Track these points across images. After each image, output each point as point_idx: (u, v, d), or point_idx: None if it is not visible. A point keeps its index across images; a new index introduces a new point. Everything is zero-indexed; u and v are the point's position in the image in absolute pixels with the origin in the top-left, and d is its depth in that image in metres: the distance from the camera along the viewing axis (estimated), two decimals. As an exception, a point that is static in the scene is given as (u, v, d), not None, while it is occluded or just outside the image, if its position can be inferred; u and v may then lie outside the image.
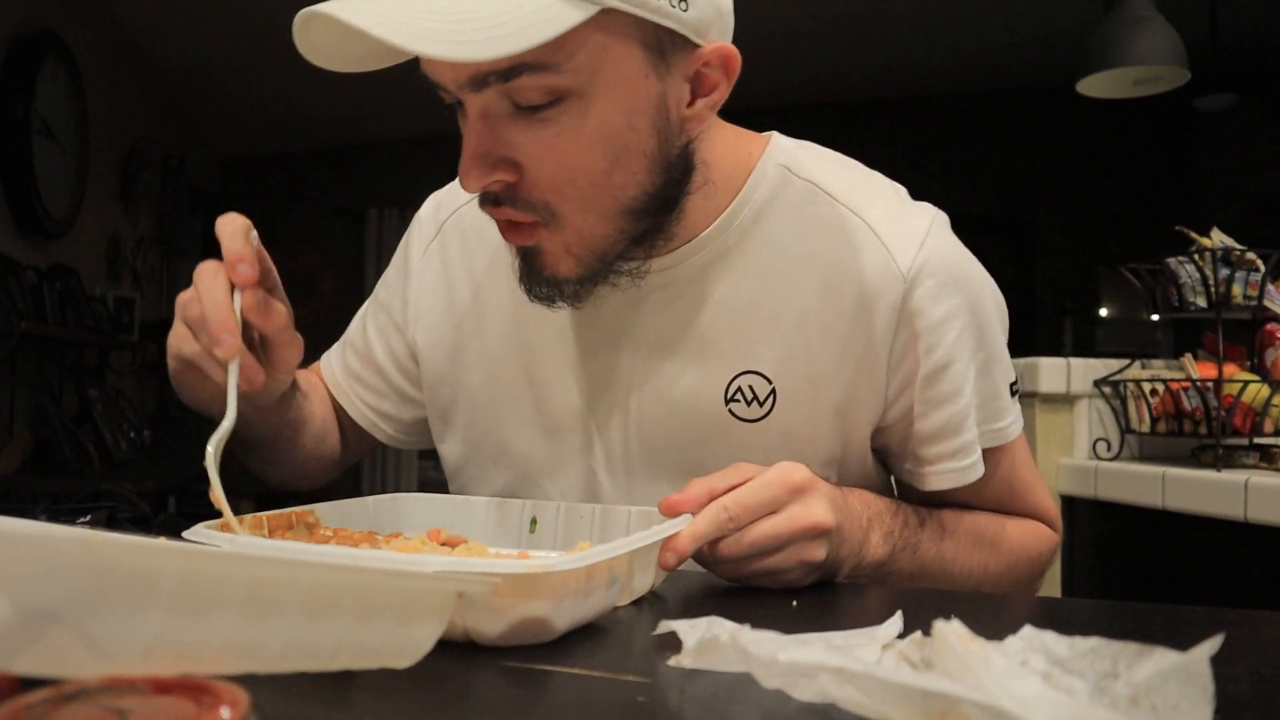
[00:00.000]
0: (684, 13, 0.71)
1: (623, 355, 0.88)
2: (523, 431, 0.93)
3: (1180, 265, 2.14)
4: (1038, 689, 0.41)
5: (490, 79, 0.70)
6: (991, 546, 0.91)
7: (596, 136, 0.73)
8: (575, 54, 0.69)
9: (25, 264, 3.28)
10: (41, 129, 3.36)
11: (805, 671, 0.42)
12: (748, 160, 0.87)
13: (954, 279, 0.84)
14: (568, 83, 0.70)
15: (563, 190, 0.75)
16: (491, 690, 0.50)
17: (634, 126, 0.74)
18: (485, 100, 0.72)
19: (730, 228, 0.85)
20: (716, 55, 0.75)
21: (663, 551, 0.69)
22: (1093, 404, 2.32)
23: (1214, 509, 1.85)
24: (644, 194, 0.77)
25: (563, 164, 0.73)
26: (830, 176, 0.88)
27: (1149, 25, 2.57)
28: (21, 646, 0.29)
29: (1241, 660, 0.55)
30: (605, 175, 0.75)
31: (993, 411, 0.89)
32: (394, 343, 1.02)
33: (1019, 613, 0.76)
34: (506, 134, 0.73)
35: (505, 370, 0.93)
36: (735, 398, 0.86)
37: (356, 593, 0.38)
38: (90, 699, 0.32)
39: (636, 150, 0.75)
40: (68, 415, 3.40)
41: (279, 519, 0.72)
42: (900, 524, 0.84)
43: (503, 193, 0.75)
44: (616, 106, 0.73)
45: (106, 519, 0.89)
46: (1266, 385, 2.06)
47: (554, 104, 0.71)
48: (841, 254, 0.84)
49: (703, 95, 0.77)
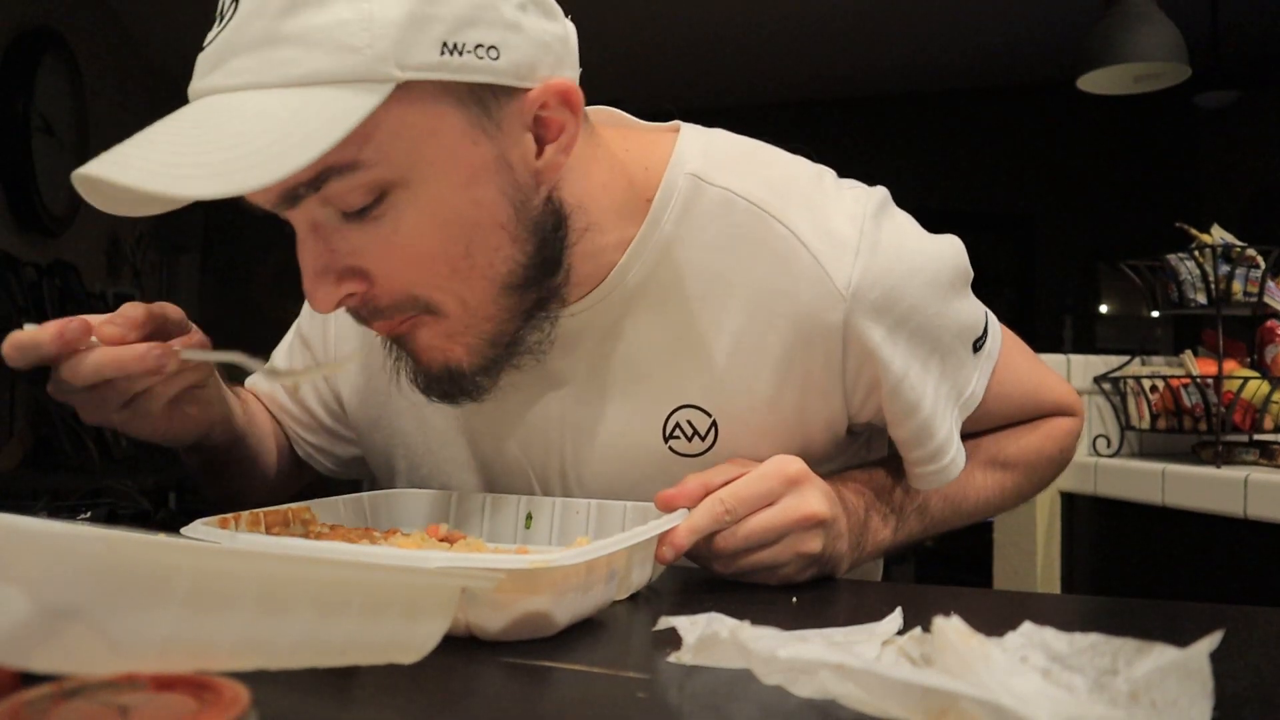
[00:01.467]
0: (495, 61, 0.63)
1: (553, 402, 0.82)
2: (463, 476, 0.88)
3: (1180, 262, 2.14)
4: (1037, 685, 0.41)
5: (300, 191, 0.63)
6: (1005, 465, 0.92)
7: (438, 222, 0.66)
8: (382, 142, 0.62)
9: (25, 261, 3.28)
10: (41, 125, 3.36)
11: (805, 668, 0.42)
12: (652, 175, 0.79)
13: (894, 287, 0.77)
14: (383, 175, 0.63)
15: (425, 282, 0.68)
16: (492, 686, 0.50)
17: (478, 200, 0.67)
18: (308, 213, 0.66)
19: (644, 253, 0.78)
20: (553, 94, 0.67)
21: (660, 546, 0.69)
22: (1093, 400, 2.32)
23: (1214, 505, 1.85)
24: (518, 266, 0.70)
25: (411, 260, 0.67)
26: (746, 179, 0.79)
27: (1150, 21, 2.57)
28: (39, 643, 0.29)
29: (1241, 656, 0.55)
30: (465, 259, 0.68)
31: (960, 385, 0.86)
32: (318, 383, 0.96)
33: (1018, 609, 0.76)
34: (342, 243, 0.66)
35: (435, 415, 0.87)
36: (675, 434, 0.81)
37: (366, 589, 0.39)
38: (91, 695, 0.32)
39: (490, 224, 0.68)
40: (68, 412, 3.40)
41: (275, 515, 0.72)
42: (902, 491, 0.85)
43: (361, 306, 0.69)
44: (450, 185, 0.65)
45: (107, 515, 0.89)
46: (1266, 382, 2.06)
47: (379, 200, 0.64)
48: (770, 270, 0.78)
49: (550, 140, 0.69)
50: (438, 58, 0.61)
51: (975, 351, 0.86)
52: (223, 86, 0.61)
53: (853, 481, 0.83)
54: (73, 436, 3.23)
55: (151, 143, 0.59)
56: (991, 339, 0.89)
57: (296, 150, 0.57)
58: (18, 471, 3.04)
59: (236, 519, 0.69)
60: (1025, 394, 0.95)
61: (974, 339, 0.86)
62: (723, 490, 0.72)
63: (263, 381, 0.99)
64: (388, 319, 0.70)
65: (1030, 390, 0.96)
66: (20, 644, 0.29)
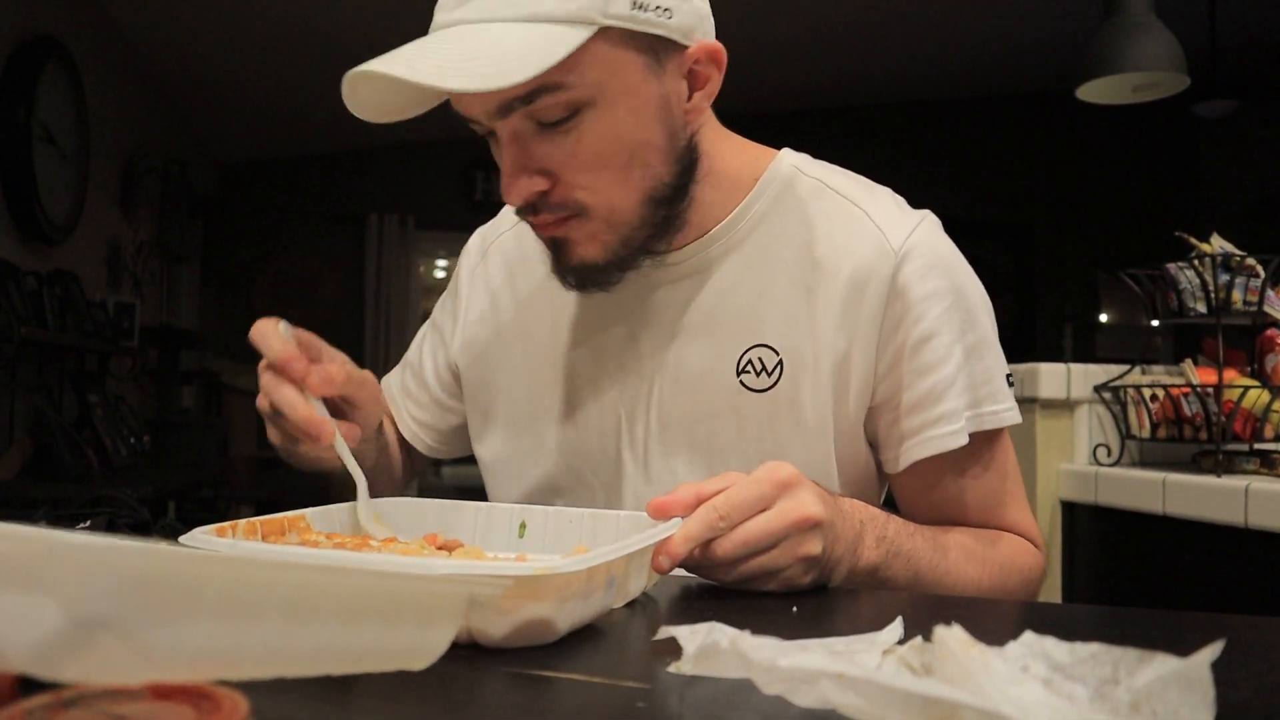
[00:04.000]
0: (669, 20, 0.82)
1: (644, 342, 0.96)
2: (555, 426, 1.00)
3: (1180, 271, 2.14)
4: (1038, 695, 0.41)
5: (515, 104, 0.80)
6: (982, 561, 0.92)
7: (612, 137, 0.83)
8: (584, 70, 0.79)
9: (25, 269, 3.28)
10: (42, 134, 3.36)
11: (806, 677, 0.42)
12: (759, 165, 0.96)
13: (941, 262, 0.92)
14: (581, 95, 0.80)
15: (590, 187, 0.84)
16: (493, 695, 0.50)
17: (643, 125, 0.84)
18: (513, 124, 0.82)
19: (742, 220, 0.94)
20: (704, 52, 0.86)
21: (656, 555, 0.70)
22: (1093, 410, 2.32)
23: (1214, 515, 1.85)
24: (660, 184, 0.87)
25: (587, 166, 0.83)
26: (835, 177, 0.97)
27: (1149, 31, 2.57)
28: (71, 654, 0.30)
29: (1242, 666, 0.55)
30: (625, 170, 0.85)
31: (988, 394, 0.92)
32: (439, 358, 1.13)
33: (1020, 618, 0.76)
34: (536, 149, 0.83)
35: (544, 371, 1.01)
36: (746, 369, 0.93)
37: (384, 597, 0.39)
38: (89, 704, 0.32)
39: (649, 145, 0.85)
40: (68, 421, 3.40)
41: (272, 524, 0.73)
42: (894, 530, 0.85)
43: (539, 201, 0.85)
44: (626, 109, 0.83)
45: (106, 524, 0.89)
46: (1267, 391, 2.05)
47: (573, 116, 0.81)
48: (841, 237, 0.92)
49: (698, 89, 0.87)
50: (629, 11, 0.80)
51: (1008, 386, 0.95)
52: (470, 18, 0.79)
53: (848, 500, 0.84)
54: (72, 446, 3.23)
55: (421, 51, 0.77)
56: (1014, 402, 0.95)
57: (530, 62, 0.75)
58: (17, 480, 3.04)
59: (234, 528, 0.69)
60: (1010, 494, 0.97)
61: (1006, 372, 0.95)
62: (716, 498, 0.73)
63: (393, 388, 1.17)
64: (552, 213, 0.86)
65: (1013, 493, 0.97)
66: (53, 655, 0.29)
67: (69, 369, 3.61)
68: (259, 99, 5.09)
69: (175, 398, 4.79)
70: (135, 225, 4.46)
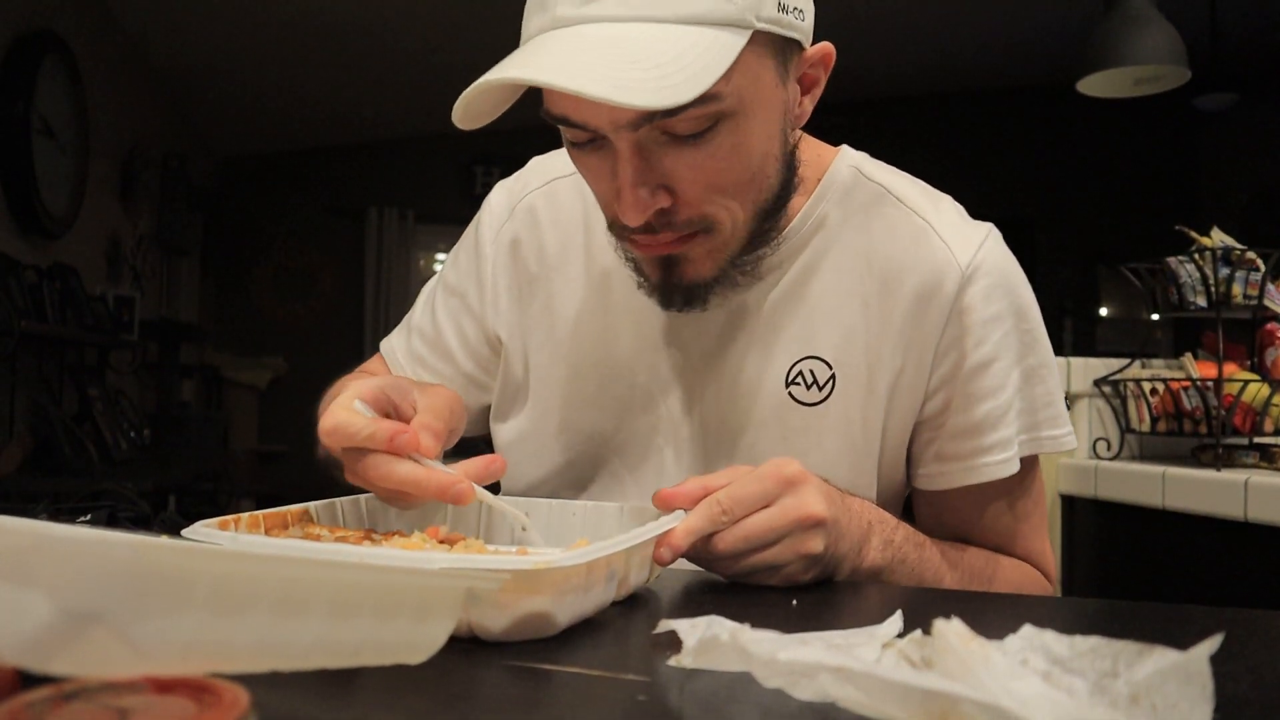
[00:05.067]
0: (801, 21, 0.77)
1: (693, 341, 0.91)
2: (587, 411, 0.95)
3: (1180, 264, 2.14)
4: (1038, 688, 0.41)
5: (655, 115, 0.71)
6: (988, 584, 0.91)
7: (744, 150, 0.76)
8: (735, 79, 0.72)
9: (25, 263, 3.28)
10: (41, 128, 3.36)
11: (805, 671, 0.42)
12: (820, 162, 0.91)
13: (1007, 283, 0.88)
14: (726, 107, 0.73)
15: (715, 201, 0.78)
16: (493, 689, 0.50)
17: (771, 134, 0.79)
18: (640, 136, 0.73)
19: (805, 224, 0.89)
20: (820, 54, 0.81)
21: (658, 547, 0.69)
22: (1093, 403, 2.32)
23: (1214, 508, 1.85)
24: (774, 194, 0.82)
25: (713, 181, 0.76)
26: (899, 183, 0.92)
27: (1149, 24, 2.57)
28: (62, 646, 0.30)
29: (1241, 659, 0.55)
30: (749, 183, 0.79)
31: (1048, 418, 0.91)
32: (468, 328, 1.02)
33: (1019, 612, 0.76)
34: (660, 163, 0.75)
35: (575, 351, 0.95)
36: (796, 381, 0.89)
37: (378, 591, 0.39)
38: (91, 698, 0.32)
39: (771, 155, 0.80)
40: (68, 415, 3.40)
41: (275, 518, 0.72)
42: (901, 537, 0.84)
43: (657, 220, 0.77)
44: (761, 119, 0.77)
45: (107, 518, 0.89)
46: (1266, 385, 2.06)
47: (711, 128, 0.74)
48: (905, 249, 0.88)
49: (807, 92, 0.82)
50: (776, 14, 0.73)
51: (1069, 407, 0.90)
52: (617, 16, 0.69)
53: (857, 500, 0.83)
54: (72, 440, 3.23)
55: (578, 56, 0.67)
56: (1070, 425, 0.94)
57: (703, 74, 0.68)
58: (18, 475, 3.04)
59: (236, 521, 0.69)
60: (1034, 523, 0.96)
61: (1062, 395, 0.92)
62: (720, 491, 0.73)
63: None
64: (676, 232, 0.78)
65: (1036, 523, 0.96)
66: (44, 648, 0.29)
67: (69, 363, 3.60)
68: (259, 92, 5.08)
69: (175, 391, 4.79)
70: (135, 219, 4.45)
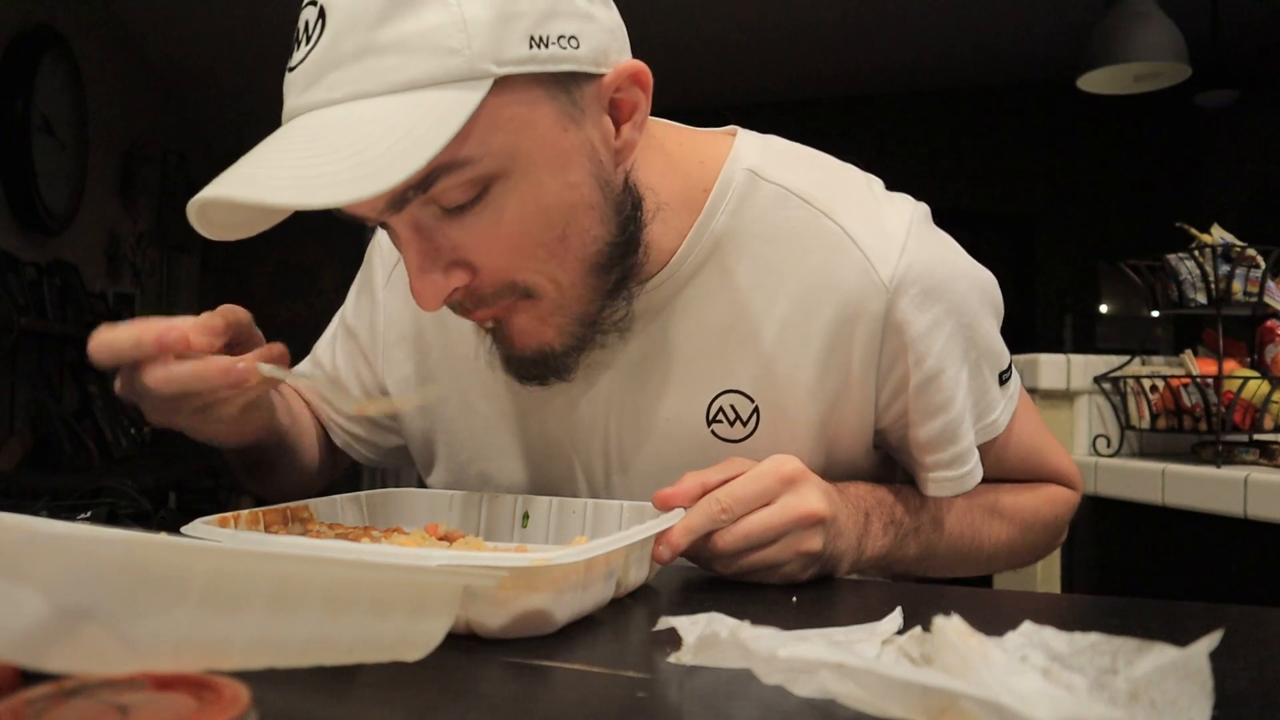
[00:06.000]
0: (576, 50, 0.66)
1: (600, 383, 0.85)
2: (503, 462, 0.91)
3: (1180, 261, 2.14)
4: (1037, 684, 0.41)
5: (408, 195, 0.65)
6: (1004, 517, 0.91)
7: (538, 209, 0.69)
8: (484, 137, 0.64)
9: (25, 260, 3.28)
10: (41, 125, 3.36)
11: (805, 667, 0.42)
12: (709, 168, 0.82)
13: (938, 283, 0.80)
14: (487, 169, 0.66)
15: (525, 267, 0.71)
16: (492, 685, 0.50)
17: (571, 184, 0.70)
18: (411, 215, 0.68)
19: (699, 243, 0.81)
20: (624, 77, 0.71)
21: (656, 545, 0.69)
22: (1093, 400, 2.32)
23: (1213, 505, 1.85)
24: (605, 245, 0.73)
25: (514, 247, 0.69)
26: (801, 178, 0.83)
27: (1150, 21, 2.57)
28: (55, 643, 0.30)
29: (1241, 656, 0.55)
30: (561, 242, 0.71)
31: (983, 407, 0.87)
32: (363, 373, 0.98)
33: (1018, 609, 0.76)
34: (445, 239, 0.69)
35: (480, 401, 0.90)
36: (718, 418, 0.83)
37: (373, 588, 0.39)
38: (91, 694, 0.32)
39: (582, 206, 0.71)
40: (68, 411, 3.41)
41: (274, 514, 0.73)
42: (903, 509, 0.84)
43: (466, 298, 0.72)
44: (547, 171, 0.68)
45: (107, 515, 0.89)
46: (1266, 381, 2.05)
47: (482, 195, 0.67)
48: (818, 263, 0.80)
49: (625, 120, 0.73)
50: (528, 51, 0.64)
51: (1001, 384, 0.88)
52: (325, 101, 0.63)
53: (854, 487, 0.83)
54: (72, 436, 3.23)
55: (269, 159, 0.62)
56: (1014, 379, 0.91)
57: (414, 151, 0.60)
58: (17, 471, 3.04)
59: (236, 518, 0.69)
60: (1030, 450, 0.95)
61: (1000, 370, 0.88)
62: (719, 490, 0.73)
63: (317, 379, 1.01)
64: (490, 306, 0.73)
65: (1035, 448, 0.95)
66: (37, 644, 0.29)
67: (69, 359, 3.60)
68: (258, 88, 5.06)
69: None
70: (134, 215, 4.45)
